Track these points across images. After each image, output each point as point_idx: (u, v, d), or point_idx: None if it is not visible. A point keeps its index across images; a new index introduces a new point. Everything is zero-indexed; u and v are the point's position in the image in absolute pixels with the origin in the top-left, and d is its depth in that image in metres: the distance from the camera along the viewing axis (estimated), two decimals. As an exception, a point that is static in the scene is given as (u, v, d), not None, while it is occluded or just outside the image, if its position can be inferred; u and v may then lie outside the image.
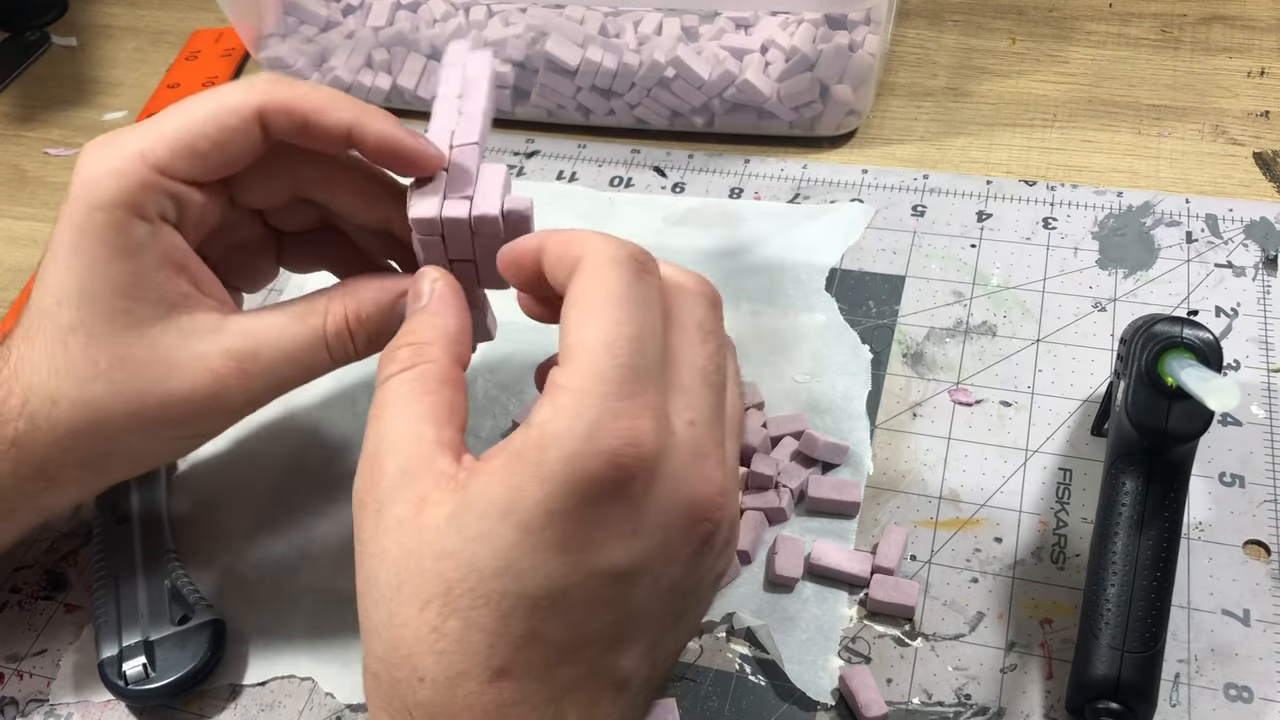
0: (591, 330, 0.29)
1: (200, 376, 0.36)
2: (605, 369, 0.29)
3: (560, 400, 0.28)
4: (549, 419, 0.28)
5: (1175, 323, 0.36)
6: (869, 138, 0.59)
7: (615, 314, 0.30)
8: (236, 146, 0.36)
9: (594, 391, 0.28)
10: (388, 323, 0.38)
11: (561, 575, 0.28)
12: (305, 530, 0.46)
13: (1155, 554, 0.36)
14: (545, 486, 0.28)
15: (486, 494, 0.28)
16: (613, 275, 0.30)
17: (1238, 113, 0.58)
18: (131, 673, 0.40)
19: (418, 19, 0.61)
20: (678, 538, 0.30)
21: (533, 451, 0.28)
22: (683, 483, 0.30)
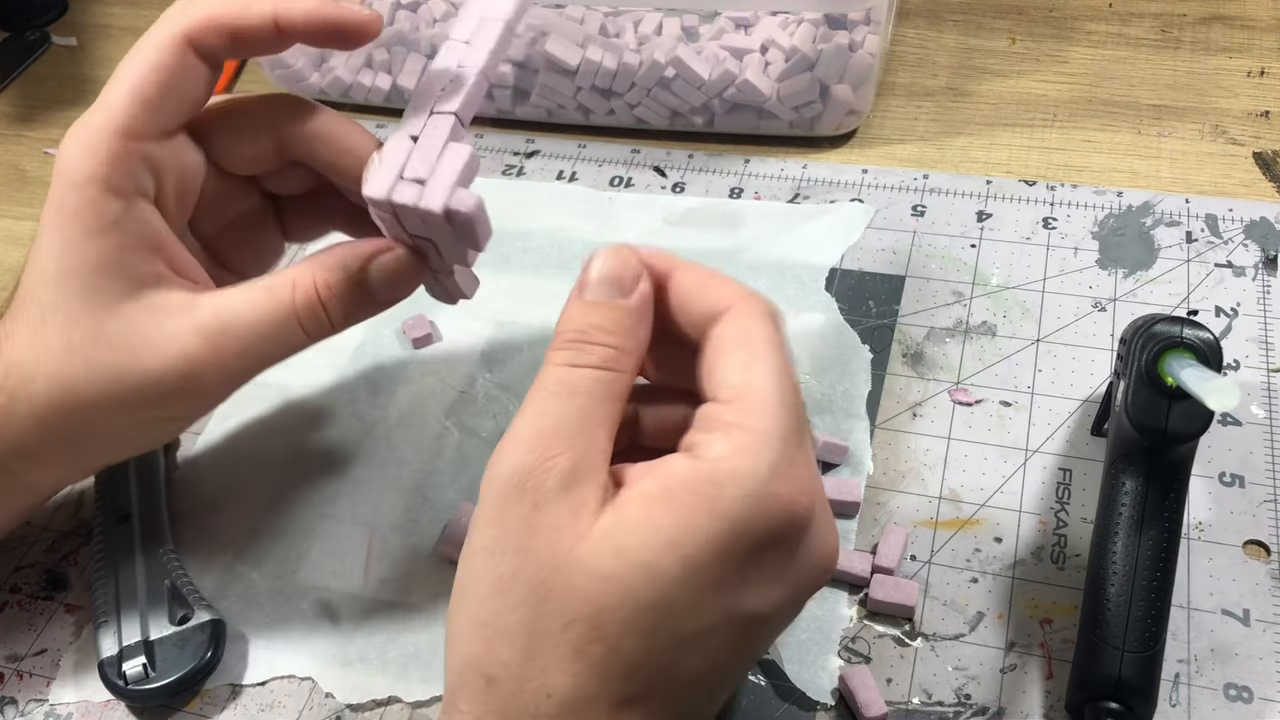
0: (763, 376, 0.29)
1: (171, 354, 0.36)
2: (783, 416, 0.29)
3: (737, 439, 0.28)
4: (726, 456, 0.28)
5: (1175, 323, 0.36)
6: (869, 138, 0.59)
7: (782, 365, 0.30)
8: (181, 82, 0.36)
9: (775, 436, 0.28)
10: (359, 290, 0.37)
11: (713, 614, 0.28)
12: (305, 530, 0.46)
13: (1155, 554, 0.36)
14: (719, 524, 0.27)
15: (651, 522, 0.28)
16: (769, 326, 0.31)
17: (1238, 113, 0.58)
18: (131, 672, 0.40)
19: (418, 19, 0.61)
20: (808, 588, 0.31)
21: (708, 486, 0.28)
22: (822, 533, 0.30)
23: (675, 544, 0.27)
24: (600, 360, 0.31)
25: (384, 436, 0.49)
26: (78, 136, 0.36)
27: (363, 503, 0.46)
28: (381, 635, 0.42)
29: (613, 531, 0.28)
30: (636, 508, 0.28)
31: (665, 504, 0.28)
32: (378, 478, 0.47)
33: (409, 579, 0.44)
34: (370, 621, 0.43)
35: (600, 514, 0.28)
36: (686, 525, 0.27)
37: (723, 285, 0.32)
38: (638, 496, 0.28)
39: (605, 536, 0.28)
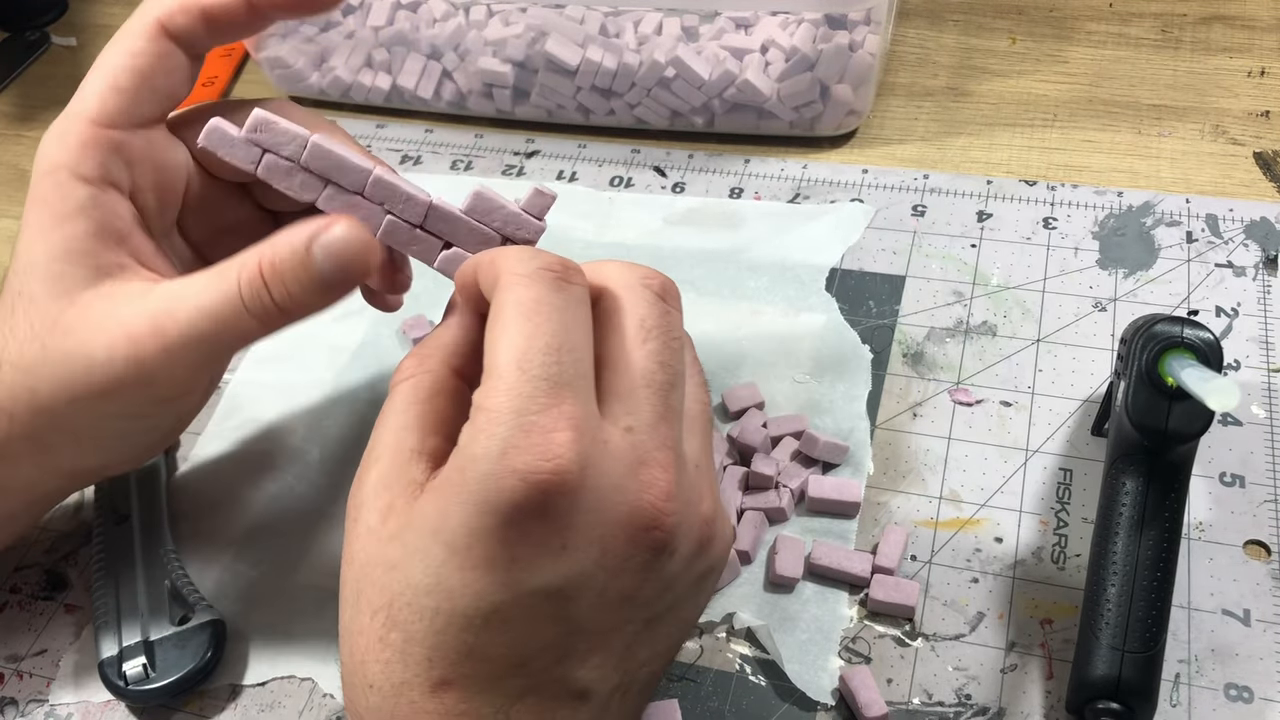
0: (503, 346, 0.29)
1: (117, 339, 0.34)
2: (517, 384, 0.28)
3: (476, 420, 0.29)
4: (467, 441, 0.29)
5: (1175, 323, 0.36)
6: (869, 138, 0.59)
7: (525, 327, 0.29)
8: (157, 69, 0.36)
9: (506, 409, 0.28)
10: (303, 271, 0.34)
11: (491, 593, 0.28)
12: (305, 530, 0.46)
13: (1155, 554, 0.36)
14: (465, 508, 0.28)
15: (424, 511, 0.29)
16: (522, 289, 0.30)
17: (1238, 113, 0.58)
18: (131, 673, 0.40)
19: (418, 19, 0.61)
20: (620, 548, 0.29)
21: (455, 473, 0.29)
22: (618, 493, 0.29)
23: (437, 530, 0.29)
24: (405, 372, 0.33)
25: (384, 437, 0.49)
26: (53, 126, 0.36)
27: (363, 503, 0.46)
28: (381, 635, 0.42)
29: (403, 527, 0.30)
30: (419, 501, 0.30)
31: (430, 494, 0.29)
32: (378, 478, 0.47)
33: (409, 579, 0.44)
34: (370, 622, 0.43)
35: (402, 511, 0.30)
36: (443, 512, 0.29)
37: (497, 259, 0.32)
38: (424, 490, 0.30)
39: (398, 532, 0.30)
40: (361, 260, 0.34)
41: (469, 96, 0.62)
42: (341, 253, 0.34)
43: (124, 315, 0.35)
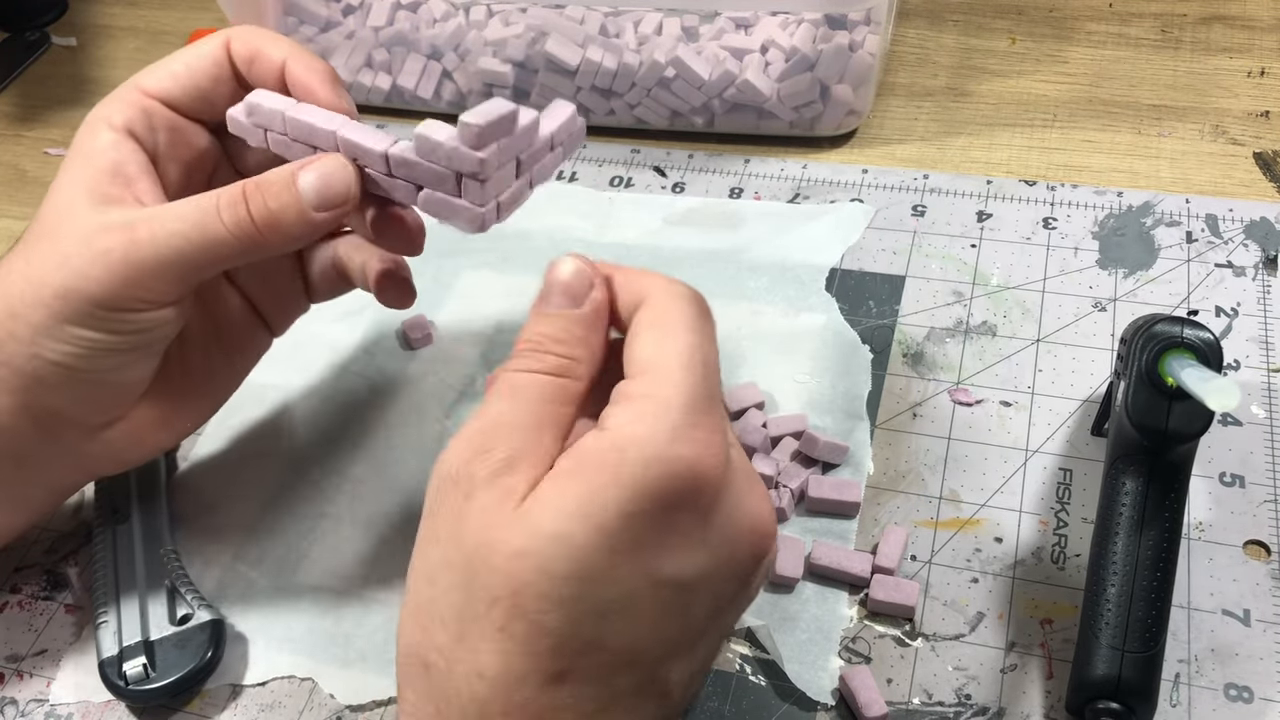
0: (669, 349, 0.30)
1: (93, 233, 0.36)
2: (684, 383, 0.29)
3: (640, 406, 0.29)
4: (628, 423, 0.29)
5: (1175, 323, 0.36)
6: (869, 138, 0.59)
7: (690, 338, 0.31)
8: (208, 71, 0.39)
9: (675, 402, 0.29)
10: (285, 190, 0.36)
11: (631, 579, 0.28)
12: (305, 530, 0.46)
13: (1155, 554, 0.36)
14: (624, 489, 0.28)
15: (561, 494, 0.28)
16: (685, 306, 0.32)
17: (1238, 113, 0.58)
18: (132, 673, 0.40)
19: (417, 19, 0.61)
20: (742, 554, 0.31)
21: (610, 453, 0.28)
22: (745, 502, 0.31)
23: (585, 513, 0.28)
24: (550, 367, 0.32)
25: (384, 436, 0.49)
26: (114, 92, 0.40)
27: (362, 503, 0.46)
28: (381, 635, 0.42)
29: (529, 510, 0.28)
30: (550, 485, 0.29)
31: (573, 475, 0.29)
32: (377, 478, 0.47)
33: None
34: (370, 622, 0.43)
35: (524, 498, 0.29)
36: (594, 493, 0.28)
37: (644, 277, 0.33)
38: (553, 475, 0.29)
39: (523, 515, 0.28)
40: (342, 188, 0.36)
41: (469, 96, 0.62)
42: (325, 176, 0.36)
43: (104, 220, 0.36)
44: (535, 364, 0.32)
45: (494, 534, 0.28)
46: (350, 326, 0.53)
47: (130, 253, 0.35)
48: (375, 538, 0.45)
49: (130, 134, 0.38)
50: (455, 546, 0.29)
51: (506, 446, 0.30)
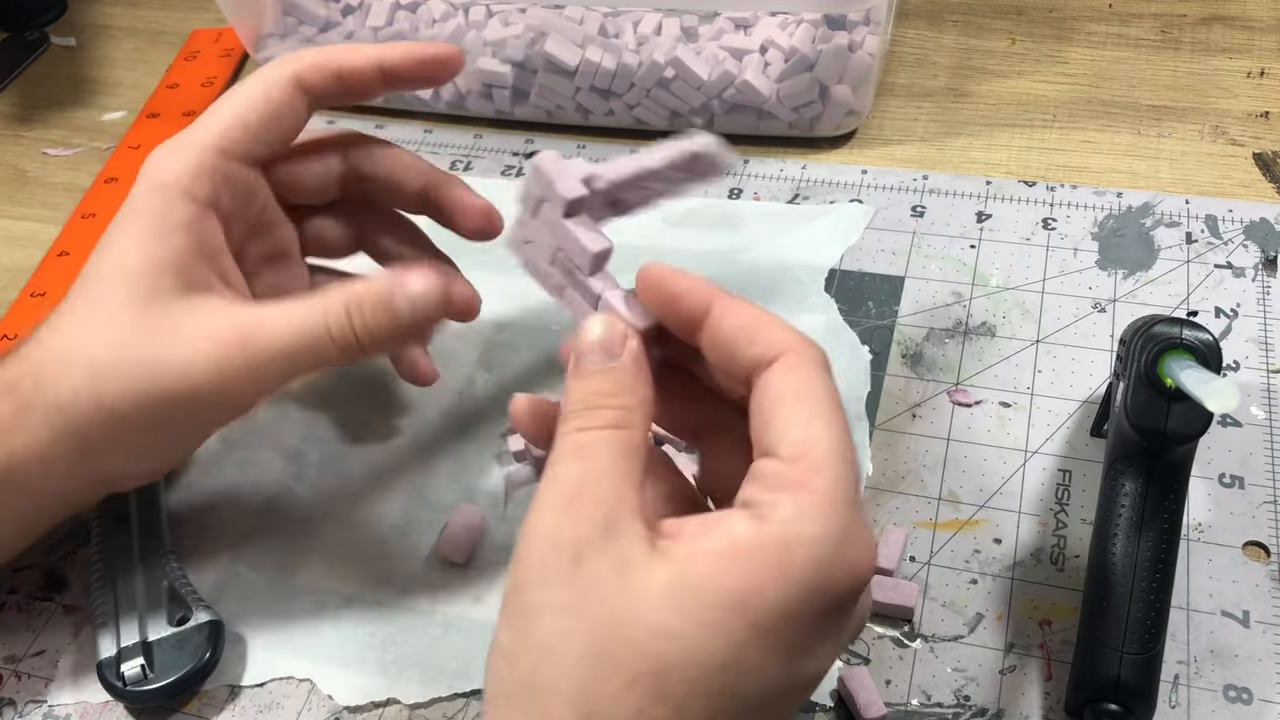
0: (825, 432, 0.29)
1: (202, 345, 0.36)
2: (844, 474, 0.28)
3: (807, 502, 0.28)
4: (795, 519, 0.27)
5: (1175, 324, 0.36)
6: (868, 138, 0.59)
7: (842, 419, 0.30)
8: (283, 115, 0.39)
9: (841, 499, 0.28)
10: (384, 310, 0.37)
11: (778, 678, 0.28)
12: (304, 531, 0.46)
13: (1155, 555, 0.36)
14: (789, 589, 0.27)
15: (718, 582, 0.27)
16: (827, 376, 0.30)
17: (1238, 113, 0.58)
18: (130, 673, 0.40)
19: (417, 19, 0.61)
20: (854, 639, 0.31)
21: (776, 549, 0.27)
22: (867, 595, 0.31)
23: (744, 606, 0.27)
24: (608, 421, 0.30)
25: (383, 437, 0.49)
26: (171, 145, 0.39)
27: (361, 503, 0.46)
28: (380, 636, 0.42)
29: (675, 588, 0.27)
30: (700, 565, 0.27)
31: (732, 564, 0.27)
32: (377, 479, 0.47)
33: (408, 580, 0.44)
34: (369, 622, 0.43)
35: (651, 568, 0.27)
36: (756, 588, 0.27)
37: (774, 328, 0.31)
38: (701, 553, 0.28)
39: (667, 593, 0.27)
40: (434, 309, 0.38)
41: (468, 97, 0.62)
42: (419, 298, 0.37)
43: (212, 324, 0.37)
44: (595, 420, 0.30)
45: (630, 608, 0.27)
46: (349, 327, 0.53)
47: (247, 372, 0.36)
48: (374, 539, 0.45)
49: (212, 206, 0.38)
50: (577, 619, 0.27)
51: (600, 507, 0.28)
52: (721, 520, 0.28)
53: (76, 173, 0.65)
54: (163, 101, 0.68)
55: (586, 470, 0.29)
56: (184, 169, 0.38)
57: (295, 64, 0.39)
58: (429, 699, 0.40)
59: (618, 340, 0.32)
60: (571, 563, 0.28)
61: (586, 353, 0.32)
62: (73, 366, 0.36)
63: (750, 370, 0.31)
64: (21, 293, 0.58)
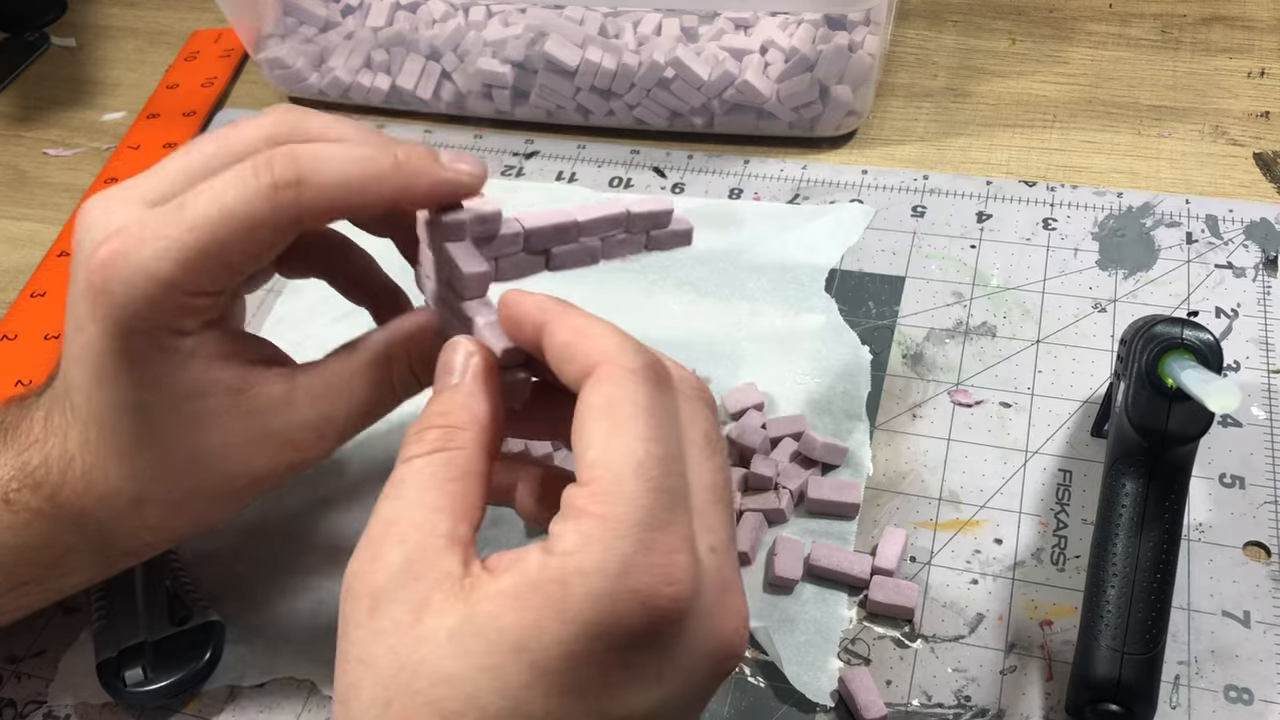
0: (619, 449, 0.27)
1: (280, 452, 0.35)
2: (637, 494, 0.26)
3: (586, 528, 0.26)
4: (574, 549, 0.26)
5: (1175, 324, 0.36)
6: (869, 138, 0.59)
7: (644, 431, 0.27)
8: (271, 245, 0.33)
9: (626, 520, 0.26)
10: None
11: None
12: (304, 531, 0.46)
13: (1155, 555, 0.36)
14: (567, 627, 0.25)
15: (498, 622, 0.26)
16: (637, 388, 0.28)
17: (1238, 113, 0.58)
18: (130, 674, 0.40)
19: (417, 19, 0.61)
20: (703, 679, 0.28)
21: (554, 586, 0.25)
22: (711, 620, 0.27)
23: (522, 647, 0.25)
24: (429, 445, 0.29)
25: (382, 437, 0.49)
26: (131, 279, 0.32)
27: (362, 504, 0.46)
28: (380, 637, 0.42)
29: (459, 631, 0.26)
30: (487, 605, 0.26)
31: (514, 604, 0.26)
32: (376, 479, 0.47)
33: (408, 580, 0.44)
34: (369, 623, 0.43)
35: (445, 610, 0.26)
36: (533, 628, 0.25)
37: (593, 339, 0.29)
38: (491, 595, 0.26)
39: (451, 636, 0.26)
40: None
41: (468, 97, 0.62)
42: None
43: (277, 427, 0.35)
44: (415, 448, 0.30)
45: (415, 654, 0.26)
46: (349, 328, 0.53)
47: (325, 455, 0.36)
48: (374, 539, 0.45)
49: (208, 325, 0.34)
50: (366, 668, 0.26)
51: (399, 548, 0.27)
52: (521, 555, 0.27)
53: (77, 173, 0.65)
54: (163, 102, 0.68)
55: (395, 508, 0.28)
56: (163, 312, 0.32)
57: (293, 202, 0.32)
58: (429, 699, 0.40)
59: (461, 361, 0.31)
60: (367, 612, 0.27)
61: (437, 376, 0.31)
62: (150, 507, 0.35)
63: (576, 385, 0.29)
64: (21, 293, 0.58)
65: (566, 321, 0.30)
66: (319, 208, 0.33)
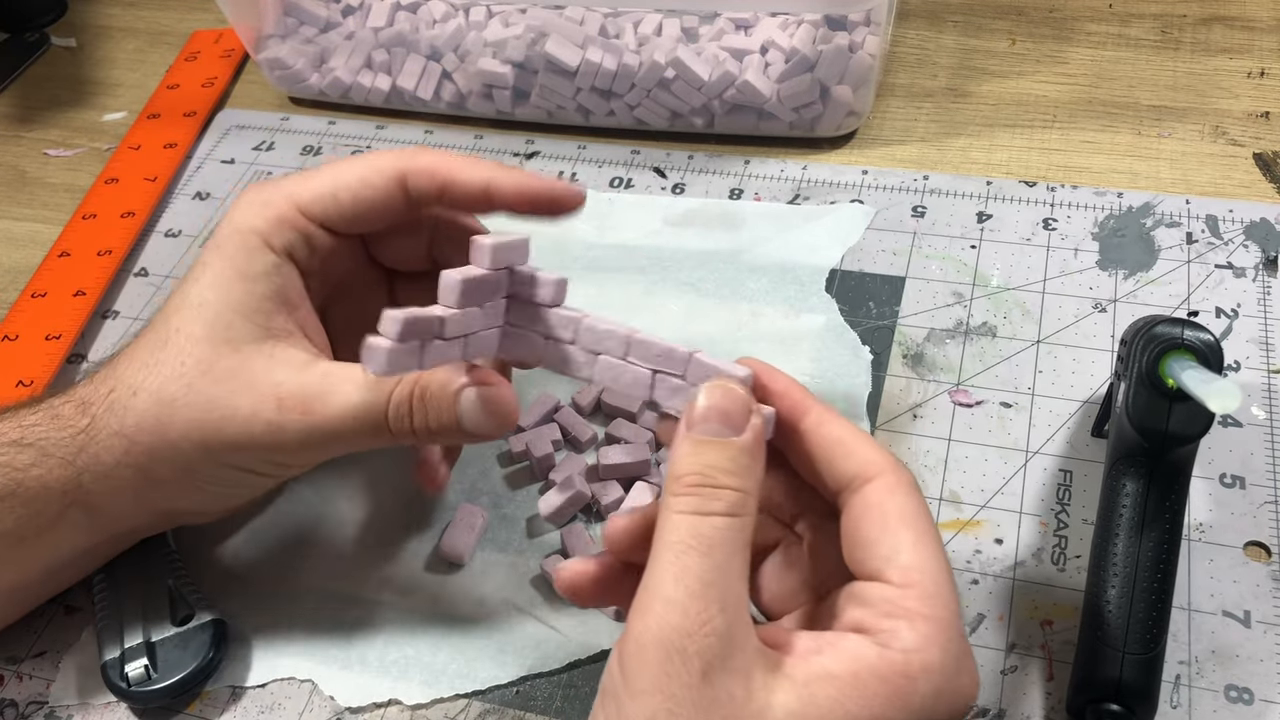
0: (934, 558, 0.29)
1: (266, 400, 0.36)
2: (953, 601, 0.29)
3: (924, 630, 0.28)
4: (918, 649, 0.28)
5: (1176, 324, 0.36)
6: (869, 139, 0.59)
7: (941, 546, 0.30)
8: (375, 202, 0.39)
9: (953, 625, 0.28)
10: (446, 411, 0.36)
11: None
12: (305, 531, 0.46)
13: (1156, 555, 0.36)
14: (912, 716, 0.27)
15: (844, 708, 0.27)
16: (921, 501, 0.30)
17: (1238, 113, 0.58)
18: (134, 674, 0.40)
19: (417, 20, 0.61)
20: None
21: (900, 679, 0.27)
22: None
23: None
24: (727, 506, 0.29)
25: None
26: (260, 191, 0.39)
27: (362, 504, 0.46)
28: (381, 637, 0.42)
29: (800, 713, 0.27)
30: (824, 690, 0.27)
31: (856, 691, 0.27)
32: (377, 479, 0.47)
33: (409, 581, 0.44)
34: (370, 623, 0.43)
35: (772, 687, 0.27)
36: (879, 716, 0.27)
37: (868, 447, 0.31)
38: (824, 677, 0.28)
39: (792, 716, 0.27)
40: (499, 419, 0.36)
41: (469, 97, 0.62)
42: (483, 405, 0.36)
43: (280, 379, 0.37)
44: (712, 504, 0.29)
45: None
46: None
47: (303, 438, 0.37)
48: (376, 539, 0.45)
49: (291, 258, 0.39)
50: None
51: (722, 614, 0.27)
52: (838, 641, 0.29)
53: (77, 173, 0.65)
54: (163, 102, 0.68)
55: (709, 567, 0.28)
56: (267, 219, 0.38)
57: (408, 161, 0.38)
58: (430, 700, 0.41)
59: (740, 414, 0.30)
60: (701, 678, 0.27)
61: (704, 419, 0.30)
62: (141, 397, 0.37)
63: (843, 484, 0.31)
64: (22, 294, 0.58)
65: (836, 418, 0.32)
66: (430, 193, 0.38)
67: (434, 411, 0.36)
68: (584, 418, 0.47)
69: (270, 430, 0.37)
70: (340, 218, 0.39)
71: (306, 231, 0.39)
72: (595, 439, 0.47)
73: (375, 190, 0.38)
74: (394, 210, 0.39)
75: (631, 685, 0.27)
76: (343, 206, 0.39)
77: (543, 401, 0.48)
